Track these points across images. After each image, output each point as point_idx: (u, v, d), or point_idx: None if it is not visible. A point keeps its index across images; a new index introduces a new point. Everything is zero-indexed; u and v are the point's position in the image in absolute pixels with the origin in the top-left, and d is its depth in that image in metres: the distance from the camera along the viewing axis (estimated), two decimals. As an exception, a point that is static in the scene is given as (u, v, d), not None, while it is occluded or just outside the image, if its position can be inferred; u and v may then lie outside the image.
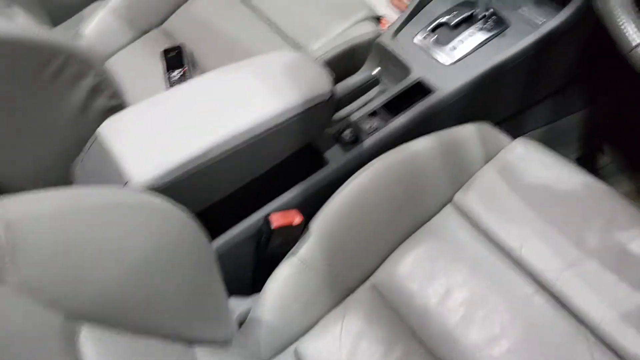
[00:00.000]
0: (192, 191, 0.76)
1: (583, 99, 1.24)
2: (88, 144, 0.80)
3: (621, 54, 0.70)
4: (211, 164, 0.76)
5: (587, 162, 1.27)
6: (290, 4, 1.23)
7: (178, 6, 1.28)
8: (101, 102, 0.87)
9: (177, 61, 1.16)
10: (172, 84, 1.13)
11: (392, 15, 1.28)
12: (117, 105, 0.89)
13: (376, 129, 0.97)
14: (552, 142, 1.18)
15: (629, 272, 0.78)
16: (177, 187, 0.74)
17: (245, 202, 0.89)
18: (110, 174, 0.75)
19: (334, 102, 0.89)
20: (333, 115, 0.96)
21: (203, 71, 1.16)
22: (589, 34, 1.08)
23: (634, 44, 0.69)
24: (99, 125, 0.78)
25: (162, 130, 0.79)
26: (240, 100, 0.83)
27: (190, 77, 1.14)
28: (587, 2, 0.95)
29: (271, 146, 0.84)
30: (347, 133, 0.97)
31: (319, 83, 0.86)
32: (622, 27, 0.70)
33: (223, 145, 0.77)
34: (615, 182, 1.25)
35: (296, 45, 1.16)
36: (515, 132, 0.98)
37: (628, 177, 1.26)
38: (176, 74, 1.14)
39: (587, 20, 0.99)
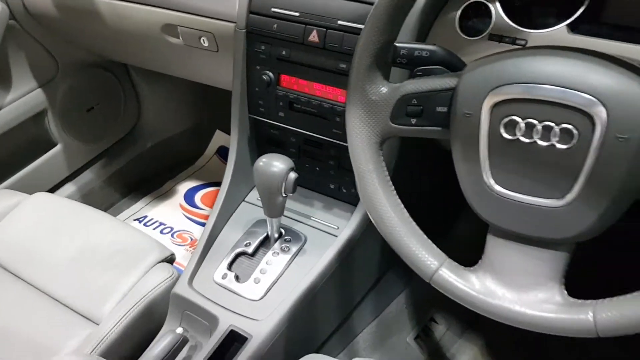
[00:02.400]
0: None
1: (402, 282, 1.23)
2: None
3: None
4: None
5: (426, 336, 1.23)
6: (67, 267, 1.07)
7: None
8: None
9: None
10: None
11: (196, 229, 1.18)
12: None
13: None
14: (388, 331, 1.12)
15: None
16: None
17: None
18: None
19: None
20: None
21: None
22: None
23: (433, 267, 0.65)
24: None
25: None
26: None
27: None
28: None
29: None
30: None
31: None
32: (416, 252, 0.66)
33: None
34: (458, 348, 1.22)
35: (89, 315, 0.99)
36: (347, 338, 0.89)
37: (466, 340, 1.24)
38: None
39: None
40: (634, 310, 0.55)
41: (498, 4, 0.81)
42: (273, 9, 0.96)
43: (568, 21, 0.76)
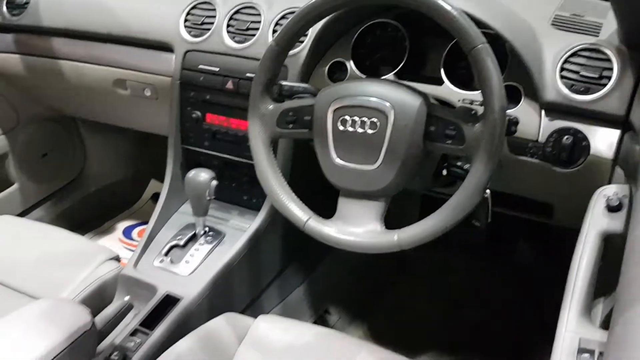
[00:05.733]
0: None
1: (302, 274, 1.56)
2: None
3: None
4: None
5: (322, 323, 1.55)
6: (29, 267, 1.32)
7: None
8: None
9: None
10: None
11: (127, 254, 1.47)
12: None
13: (140, 345, 1.10)
14: (291, 315, 1.43)
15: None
16: None
17: None
18: None
19: (96, 332, 1.00)
20: (97, 346, 1.06)
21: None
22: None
23: (304, 219, 0.99)
24: None
25: None
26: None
27: None
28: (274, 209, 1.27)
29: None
30: (114, 356, 1.07)
31: (78, 316, 0.97)
32: (289, 207, 1.00)
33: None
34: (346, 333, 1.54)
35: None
36: (257, 315, 1.20)
37: (354, 327, 1.58)
38: None
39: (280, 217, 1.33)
40: (419, 229, 0.91)
41: (352, 62, 1.22)
42: (200, 66, 1.34)
43: (394, 71, 1.18)
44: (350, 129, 0.95)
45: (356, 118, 0.94)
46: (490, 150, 0.86)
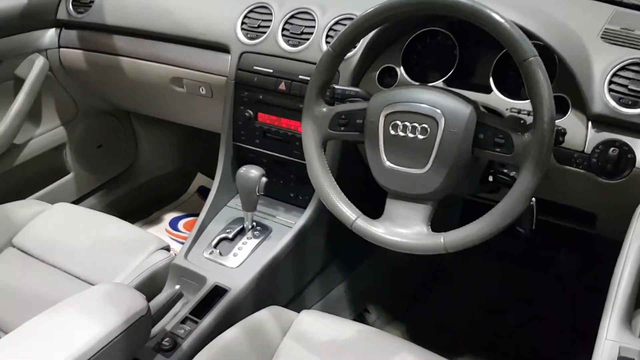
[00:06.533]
0: None
1: (343, 273, 1.60)
2: None
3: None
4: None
5: (361, 321, 1.59)
6: (85, 253, 1.40)
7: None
8: None
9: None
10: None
11: (177, 245, 1.54)
12: None
13: (189, 332, 1.16)
14: (331, 311, 1.47)
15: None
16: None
17: None
18: None
19: (151, 317, 1.06)
20: (151, 330, 1.12)
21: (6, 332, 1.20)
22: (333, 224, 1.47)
23: (353, 218, 1.03)
24: None
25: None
26: (61, 334, 0.95)
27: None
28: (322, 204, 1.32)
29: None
30: (165, 342, 1.13)
31: (135, 302, 1.03)
32: (339, 205, 1.04)
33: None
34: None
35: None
36: (299, 309, 1.24)
37: (392, 326, 1.61)
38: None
39: (326, 215, 1.37)
40: (465, 233, 0.94)
41: (402, 68, 1.25)
42: (255, 67, 1.40)
43: (443, 79, 1.21)
44: (401, 133, 0.98)
45: (407, 123, 0.97)
46: (538, 160, 0.88)
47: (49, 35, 1.72)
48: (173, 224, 2.08)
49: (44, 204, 1.57)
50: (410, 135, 0.97)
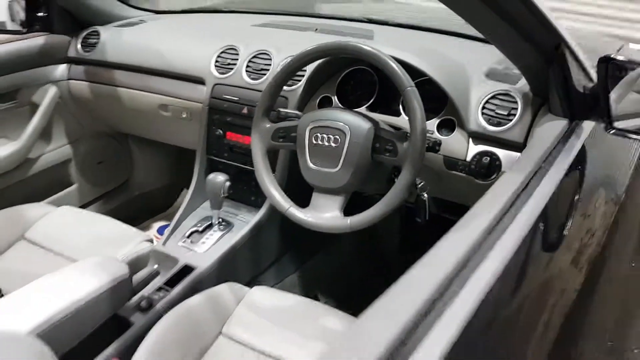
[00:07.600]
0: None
1: (297, 263, 1.92)
2: None
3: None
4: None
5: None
6: (85, 244, 1.69)
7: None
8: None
9: None
10: None
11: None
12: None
13: (162, 297, 1.48)
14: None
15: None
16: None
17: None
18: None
19: (131, 282, 1.39)
20: (131, 294, 1.45)
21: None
22: (285, 221, 1.80)
23: (286, 206, 1.37)
24: None
25: None
26: (60, 288, 1.27)
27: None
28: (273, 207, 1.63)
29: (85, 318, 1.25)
30: (143, 303, 1.45)
31: (120, 269, 1.36)
32: (276, 197, 1.38)
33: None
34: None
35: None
36: None
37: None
38: None
39: (278, 213, 1.70)
40: (364, 216, 1.27)
41: (336, 97, 1.61)
42: (224, 96, 1.76)
43: (366, 105, 1.57)
44: (321, 142, 1.32)
45: (325, 135, 1.32)
46: (413, 161, 1.23)
47: (61, 69, 2.09)
48: (160, 231, 2.41)
49: (51, 207, 1.90)
50: (327, 143, 1.32)
